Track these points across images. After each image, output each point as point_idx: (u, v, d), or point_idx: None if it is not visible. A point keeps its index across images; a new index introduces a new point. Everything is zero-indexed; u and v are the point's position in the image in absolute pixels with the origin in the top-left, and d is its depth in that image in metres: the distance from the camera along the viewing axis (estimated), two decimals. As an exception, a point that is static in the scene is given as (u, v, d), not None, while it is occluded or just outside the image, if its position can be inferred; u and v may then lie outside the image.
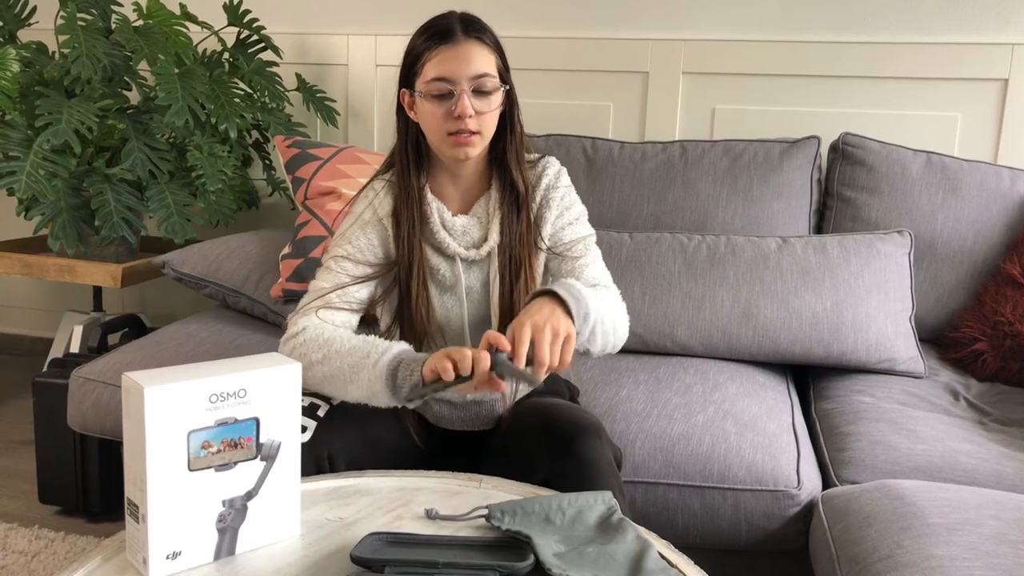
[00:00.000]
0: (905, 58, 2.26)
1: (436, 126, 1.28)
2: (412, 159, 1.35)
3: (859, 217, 2.08)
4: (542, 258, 1.38)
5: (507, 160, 1.35)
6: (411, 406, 1.27)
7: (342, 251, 1.35)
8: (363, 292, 1.34)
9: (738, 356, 1.88)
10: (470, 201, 1.38)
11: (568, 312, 1.16)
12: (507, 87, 1.31)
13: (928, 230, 2.02)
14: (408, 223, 1.33)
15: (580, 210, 1.41)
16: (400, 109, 1.35)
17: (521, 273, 1.34)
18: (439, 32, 1.28)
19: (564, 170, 1.41)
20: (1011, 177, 2.04)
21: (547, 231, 1.37)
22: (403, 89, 1.33)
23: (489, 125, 1.30)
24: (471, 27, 1.28)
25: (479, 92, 1.27)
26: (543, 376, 1.12)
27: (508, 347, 1.11)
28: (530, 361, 1.12)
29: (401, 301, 1.35)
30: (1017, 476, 1.43)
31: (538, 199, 1.37)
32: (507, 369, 1.11)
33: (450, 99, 1.26)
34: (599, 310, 1.24)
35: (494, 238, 1.34)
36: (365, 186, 1.40)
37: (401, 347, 1.23)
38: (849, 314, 1.83)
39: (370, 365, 1.21)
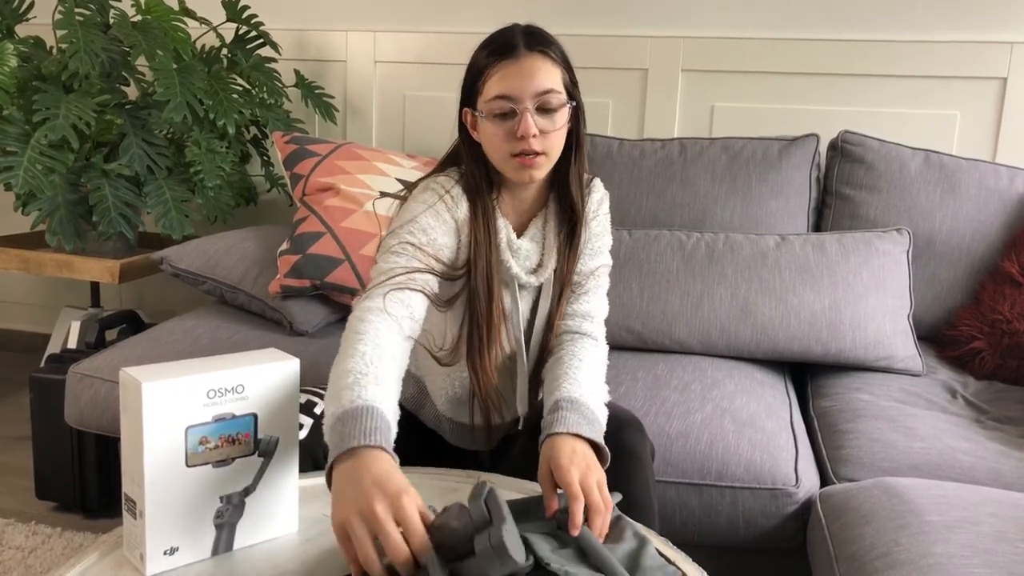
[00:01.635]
0: (904, 56, 2.26)
1: (499, 147, 1.20)
2: (483, 179, 1.26)
3: (858, 215, 2.08)
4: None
5: (569, 181, 1.28)
6: None
7: (416, 239, 1.21)
8: (434, 283, 1.22)
9: (736, 354, 1.88)
10: (526, 221, 1.31)
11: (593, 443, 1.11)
12: (573, 103, 1.24)
13: (926, 228, 2.03)
14: (485, 244, 1.24)
15: (607, 241, 1.35)
16: (463, 128, 1.27)
17: (562, 300, 1.30)
18: (501, 47, 1.20)
19: (607, 196, 1.36)
20: (1009, 176, 2.04)
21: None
22: (465, 108, 1.25)
23: (555, 145, 1.22)
24: (535, 40, 1.21)
25: (543, 110, 1.19)
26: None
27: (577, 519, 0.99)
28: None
29: (473, 323, 1.26)
30: (1014, 474, 1.43)
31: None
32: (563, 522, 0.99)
33: (512, 118, 1.18)
34: (604, 409, 1.19)
35: (551, 265, 1.29)
36: (429, 175, 1.30)
37: (357, 406, 0.97)
38: (847, 312, 1.83)
39: (334, 395, 1.00)
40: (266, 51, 2.58)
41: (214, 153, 2.28)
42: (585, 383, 1.19)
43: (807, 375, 1.95)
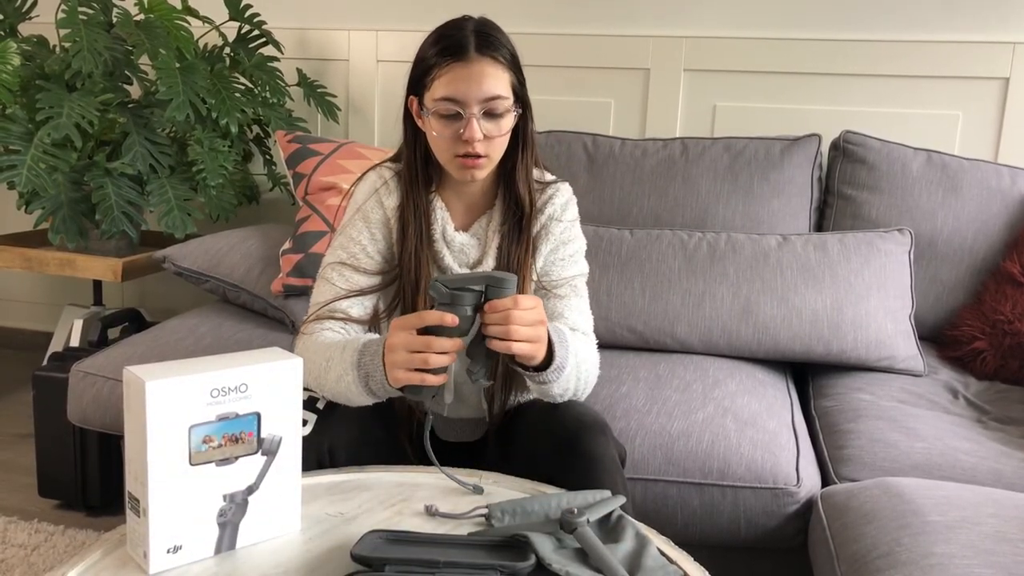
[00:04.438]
0: (906, 56, 2.26)
1: (443, 146, 1.23)
2: (421, 171, 1.30)
3: (859, 215, 2.08)
4: (532, 287, 1.33)
5: (515, 179, 1.30)
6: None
7: (345, 254, 1.30)
8: (367, 301, 1.30)
9: (738, 353, 1.88)
10: (473, 217, 1.34)
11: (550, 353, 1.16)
12: (520, 110, 1.25)
13: (928, 228, 2.02)
14: (415, 238, 1.28)
15: (578, 247, 1.36)
16: (408, 115, 1.29)
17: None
18: (452, 46, 1.20)
19: (573, 201, 1.36)
20: (1011, 176, 2.04)
21: (539, 263, 1.32)
22: (411, 96, 1.27)
23: (498, 147, 1.25)
24: (486, 44, 1.21)
25: (490, 114, 1.21)
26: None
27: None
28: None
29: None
30: (1016, 474, 1.43)
31: (537, 227, 1.32)
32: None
33: (458, 120, 1.20)
34: (576, 366, 1.23)
35: (490, 262, 1.31)
36: (369, 170, 1.35)
37: (372, 336, 1.20)
38: (849, 312, 1.83)
39: (338, 354, 1.19)
40: (268, 50, 2.58)
41: (216, 152, 2.29)
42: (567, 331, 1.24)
43: (808, 375, 1.95)
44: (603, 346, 1.92)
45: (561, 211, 1.34)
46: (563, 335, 1.21)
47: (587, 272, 1.38)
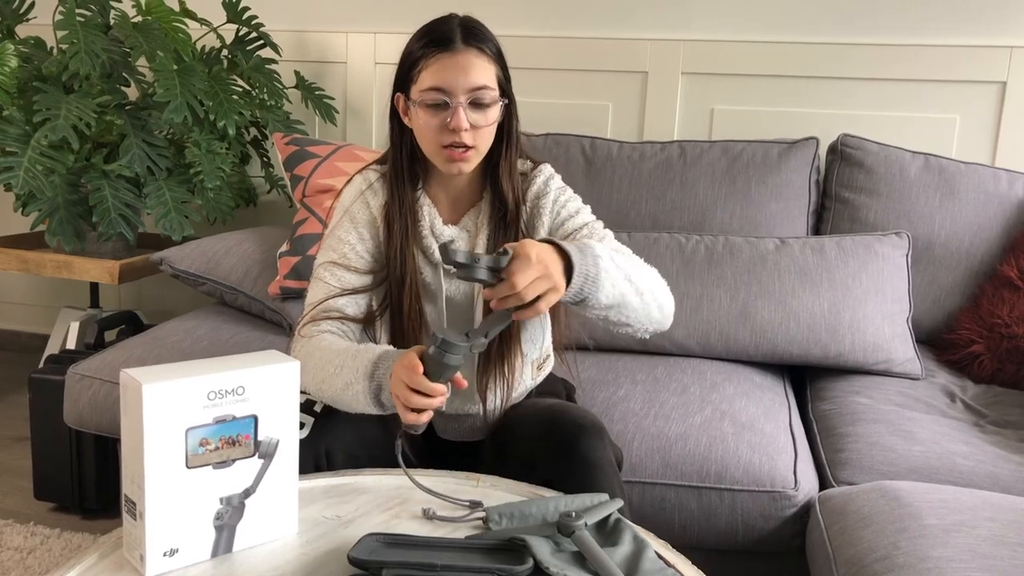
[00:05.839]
0: (904, 60, 2.26)
1: (430, 137, 1.24)
2: (407, 168, 1.31)
3: (857, 218, 2.09)
4: None
5: (499, 174, 1.31)
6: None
7: (335, 254, 1.31)
8: (361, 300, 1.31)
9: (736, 356, 1.88)
10: (461, 211, 1.35)
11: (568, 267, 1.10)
12: (506, 101, 1.26)
13: (926, 232, 2.03)
14: (400, 234, 1.29)
15: (578, 205, 1.35)
16: (394, 113, 1.31)
17: None
18: (438, 39, 1.23)
19: (556, 176, 1.36)
20: (1009, 180, 2.04)
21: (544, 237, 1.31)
22: (398, 93, 1.29)
23: (485, 139, 1.26)
24: (471, 35, 1.23)
25: (476, 104, 1.22)
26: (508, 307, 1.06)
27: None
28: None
29: (393, 313, 1.32)
30: (1013, 478, 1.43)
31: (528, 211, 1.32)
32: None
33: (445, 110, 1.21)
34: (616, 268, 1.16)
35: (480, 252, 1.31)
36: (357, 173, 1.36)
37: (385, 348, 1.20)
38: (847, 315, 1.83)
39: (350, 361, 1.18)
40: (266, 52, 2.58)
41: (214, 154, 2.28)
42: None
43: (806, 378, 1.95)
44: (601, 349, 1.93)
45: (545, 185, 1.34)
46: (581, 244, 1.15)
47: (599, 220, 1.34)
